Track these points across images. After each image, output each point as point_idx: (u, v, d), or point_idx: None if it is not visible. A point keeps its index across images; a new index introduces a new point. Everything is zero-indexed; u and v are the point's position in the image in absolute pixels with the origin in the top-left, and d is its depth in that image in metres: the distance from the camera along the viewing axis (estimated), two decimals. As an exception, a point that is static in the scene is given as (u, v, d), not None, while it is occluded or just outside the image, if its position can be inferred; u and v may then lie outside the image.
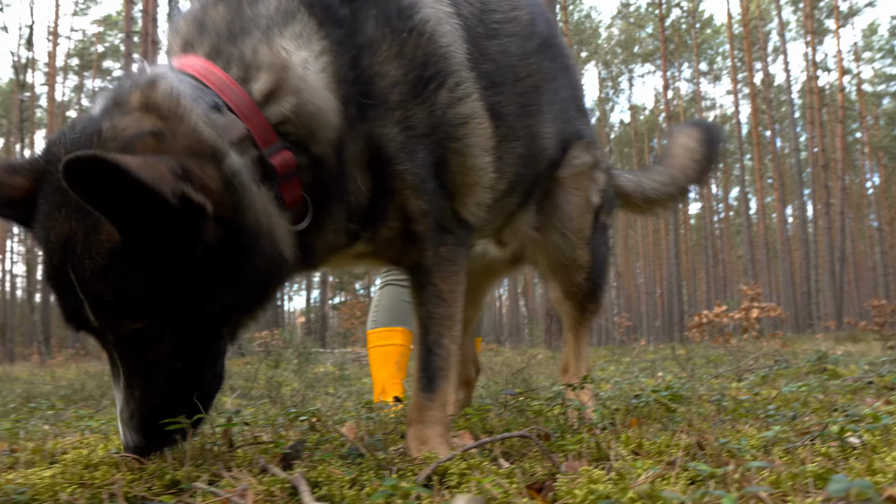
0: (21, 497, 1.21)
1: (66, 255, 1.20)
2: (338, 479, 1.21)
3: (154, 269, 1.20)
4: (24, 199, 1.26)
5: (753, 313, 14.22)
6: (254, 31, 1.41)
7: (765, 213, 43.80)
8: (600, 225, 2.33)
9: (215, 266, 1.25)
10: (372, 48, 1.50)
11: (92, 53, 42.44)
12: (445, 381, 1.67)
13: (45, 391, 5.81)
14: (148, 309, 1.23)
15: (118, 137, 1.20)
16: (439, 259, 1.69)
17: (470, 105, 1.67)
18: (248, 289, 1.33)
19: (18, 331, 37.07)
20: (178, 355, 1.31)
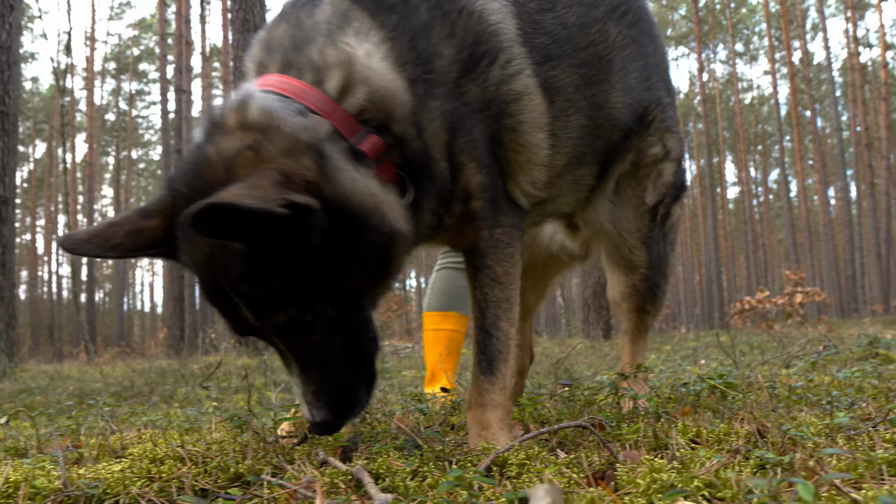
0: (93, 491, 1.24)
1: (214, 271, 1.33)
2: (399, 471, 1.22)
3: (284, 263, 1.30)
4: (163, 237, 1.38)
5: (797, 298, 13.93)
6: (317, 37, 1.50)
7: (806, 195, 42.78)
8: (660, 219, 2.24)
9: (337, 247, 1.34)
10: (426, 31, 1.57)
11: (128, 57, 43.26)
12: (505, 364, 1.67)
13: (95, 388, 5.97)
14: (292, 298, 1.34)
15: (223, 160, 1.31)
16: (494, 241, 1.71)
17: (522, 81, 1.69)
18: (371, 262, 1.41)
19: (65, 330, 38.12)
20: (334, 332, 1.40)
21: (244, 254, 1.28)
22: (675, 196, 2.28)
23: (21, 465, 1.40)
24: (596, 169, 2.06)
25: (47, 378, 7.46)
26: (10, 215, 8.09)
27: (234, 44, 11.88)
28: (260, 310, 1.34)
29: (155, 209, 1.40)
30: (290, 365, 1.43)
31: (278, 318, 1.35)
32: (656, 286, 2.28)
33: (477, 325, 1.71)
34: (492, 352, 1.67)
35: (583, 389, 2.32)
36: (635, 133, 2.12)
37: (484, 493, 1.09)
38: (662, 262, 2.27)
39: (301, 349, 1.40)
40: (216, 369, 7.20)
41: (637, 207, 2.19)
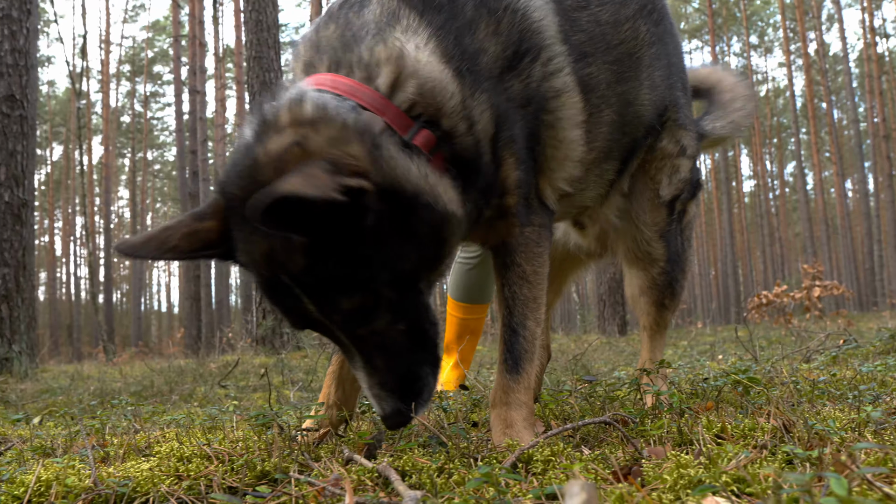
0: (123, 489, 1.26)
1: (274, 267, 1.34)
2: (425, 468, 1.23)
3: (345, 250, 1.32)
4: (219, 238, 1.41)
5: (815, 292, 13.79)
6: (366, 36, 1.53)
7: (823, 187, 42.37)
8: (677, 215, 2.26)
9: (393, 229, 1.36)
10: (472, 28, 1.59)
11: (142, 59, 43.58)
12: (530, 363, 1.68)
13: (116, 388, 6.03)
14: (354, 284, 1.35)
15: (271, 159, 1.33)
16: (525, 239, 1.72)
17: (562, 79, 1.72)
18: (426, 242, 1.42)
19: (84, 331, 38.53)
20: (397, 317, 1.42)
21: (305, 245, 1.29)
22: (691, 193, 2.30)
23: (52, 464, 1.42)
24: (618, 164, 2.08)
25: (68, 378, 7.55)
26: (29, 217, 8.18)
27: (247, 44, 11.93)
28: (323, 300, 1.35)
29: (209, 212, 1.42)
30: (353, 357, 1.44)
31: (342, 307, 1.36)
32: (675, 280, 2.28)
33: (504, 322, 1.71)
34: (518, 351, 1.67)
35: (604, 385, 2.31)
36: (655, 130, 2.14)
37: (511, 489, 1.09)
38: (680, 257, 2.29)
39: (364, 338, 1.41)
40: (234, 368, 7.25)
41: (652, 201, 2.21)
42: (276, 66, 11.79)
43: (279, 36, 12.25)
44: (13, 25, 8.20)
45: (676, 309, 2.35)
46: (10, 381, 7.13)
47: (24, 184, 8.14)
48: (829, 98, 36.43)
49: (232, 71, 31.87)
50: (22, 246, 8.02)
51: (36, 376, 7.84)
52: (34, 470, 1.35)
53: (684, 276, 2.34)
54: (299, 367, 7.43)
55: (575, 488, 0.65)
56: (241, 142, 1.43)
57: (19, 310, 7.90)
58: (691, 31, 44.17)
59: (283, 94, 1.44)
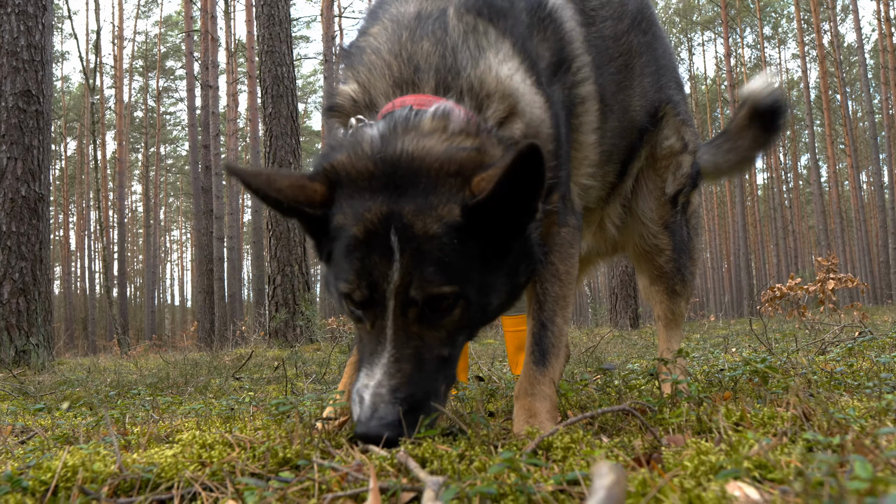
0: (149, 475, 1.28)
1: (388, 225, 1.39)
2: (446, 455, 1.24)
3: (481, 244, 1.42)
4: (321, 200, 1.48)
5: (829, 285, 13.68)
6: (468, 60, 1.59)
7: (837, 180, 41.98)
8: (681, 206, 2.33)
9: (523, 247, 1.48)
10: (530, 34, 1.67)
11: (155, 54, 43.76)
12: (556, 358, 1.72)
13: (132, 380, 6.08)
14: (460, 276, 1.41)
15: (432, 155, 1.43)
16: (561, 240, 1.78)
17: (587, 87, 1.81)
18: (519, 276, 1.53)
19: (99, 324, 38.87)
20: (453, 337, 1.47)
21: (450, 221, 1.38)
22: (692, 185, 2.38)
23: (77, 450, 1.44)
24: (618, 167, 2.17)
25: (84, 371, 7.62)
26: (45, 212, 8.26)
27: (259, 39, 11.96)
28: (416, 274, 1.38)
29: (319, 176, 1.50)
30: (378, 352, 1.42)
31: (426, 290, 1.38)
32: (684, 267, 2.34)
33: (534, 317, 1.76)
34: (546, 345, 1.72)
35: (621, 375, 2.32)
36: (649, 131, 2.24)
37: (532, 475, 1.10)
38: (687, 246, 2.35)
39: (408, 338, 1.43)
40: (247, 361, 7.30)
41: (658, 198, 2.29)
42: (289, 61, 11.81)
43: (291, 30, 12.27)
44: (29, 21, 8.26)
45: (689, 297, 2.38)
46: (27, 373, 7.21)
47: (41, 178, 8.22)
48: (843, 89, 36.08)
49: (244, 66, 31.96)
50: (38, 240, 8.10)
51: (53, 368, 7.93)
52: (60, 456, 1.37)
53: (693, 264, 2.39)
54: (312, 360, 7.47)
55: (603, 469, 0.66)
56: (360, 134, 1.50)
57: (36, 303, 7.99)
58: (704, 22, 43.85)
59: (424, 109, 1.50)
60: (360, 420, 1.38)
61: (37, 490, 1.27)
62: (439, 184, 1.40)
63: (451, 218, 1.38)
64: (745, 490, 0.94)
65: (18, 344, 7.78)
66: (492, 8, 1.63)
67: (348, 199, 1.45)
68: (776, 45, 47.09)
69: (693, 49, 49.65)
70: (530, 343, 1.73)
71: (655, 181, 2.28)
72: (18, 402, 4.30)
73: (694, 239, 2.42)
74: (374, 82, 1.66)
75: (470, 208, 1.38)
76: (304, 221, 1.54)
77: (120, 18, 40.19)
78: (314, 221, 1.51)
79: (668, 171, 2.28)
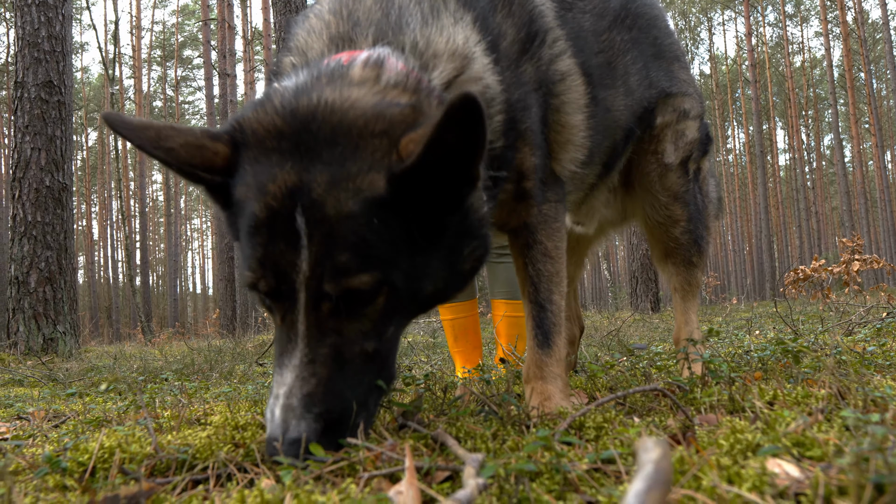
0: (184, 456, 1.29)
1: (294, 203, 1.17)
2: (479, 434, 1.24)
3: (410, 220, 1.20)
4: (223, 165, 1.27)
5: (854, 266, 13.48)
6: (417, 17, 1.45)
7: (862, 160, 41.28)
8: (692, 174, 2.28)
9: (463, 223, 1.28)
10: (494, 9, 1.57)
11: (172, 44, 43.96)
12: (559, 336, 1.70)
13: (157, 366, 6.16)
14: (382, 260, 1.18)
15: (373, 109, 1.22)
16: (543, 217, 1.73)
17: (566, 62, 1.71)
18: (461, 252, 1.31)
19: (122, 312, 39.40)
20: (379, 329, 1.24)
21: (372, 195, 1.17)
22: (702, 150, 2.32)
23: (114, 432, 1.46)
24: (599, 168, 2.08)
25: (111, 358, 7.74)
26: (69, 201, 8.36)
27: (275, 25, 11.95)
28: (328, 263, 1.16)
29: (223, 136, 1.29)
30: (289, 352, 1.21)
31: (341, 283, 1.16)
32: (700, 237, 2.30)
33: (530, 300, 1.73)
34: (547, 325, 1.70)
35: (650, 356, 2.31)
36: (635, 133, 2.15)
37: (567, 454, 1.10)
38: (701, 214, 2.30)
39: (323, 336, 1.21)
40: (270, 347, 7.37)
41: (658, 170, 2.23)
42: (306, 47, 11.79)
43: (308, 16, 12.24)
44: (49, 12, 8.32)
45: (705, 267, 2.35)
46: (55, 360, 7.34)
47: (64, 168, 8.32)
48: (868, 68, 35.37)
49: (261, 53, 31.99)
50: (63, 229, 8.21)
51: (80, 356, 8.06)
52: (97, 438, 1.39)
53: (708, 233, 2.37)
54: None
55: (649, 444, 0.65)
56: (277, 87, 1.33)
57: (62, 291, 8.11)
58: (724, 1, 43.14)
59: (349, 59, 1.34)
60: (269, 437, 1.17)
61: (75, 471, 1.30)
62: (361, 146, 1.18)
63: (372, 191, 1.16)
64: (784, 467, 0.93)
65: (46, 332, 7.91)
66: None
67: (252, 165, 1.23)
68: (798, 22, 46.25)
69: (713, 29, 48.94)
70: (531, 327, 1.71)
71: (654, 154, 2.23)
72: (49, 388, 4.38)
73: (709, 207, 2.38)
74: (312, 44, 1.49)
75: (397, 177, 1.16)
76: (207, 190, 1.32)
77: (137, 8, 40.39)
78: (217, 190, 1.29)
79: (666, 143, 2.22)
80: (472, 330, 3.41)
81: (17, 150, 8.18)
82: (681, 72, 2.32)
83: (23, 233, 8.01)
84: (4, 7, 27.89)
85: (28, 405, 3.06)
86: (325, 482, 1.07)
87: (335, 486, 1.04)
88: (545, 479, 1.00)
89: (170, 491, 1.15)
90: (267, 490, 0.98)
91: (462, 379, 2.36)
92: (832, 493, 0.83)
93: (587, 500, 0.95)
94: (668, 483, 0.64)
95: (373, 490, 1.01)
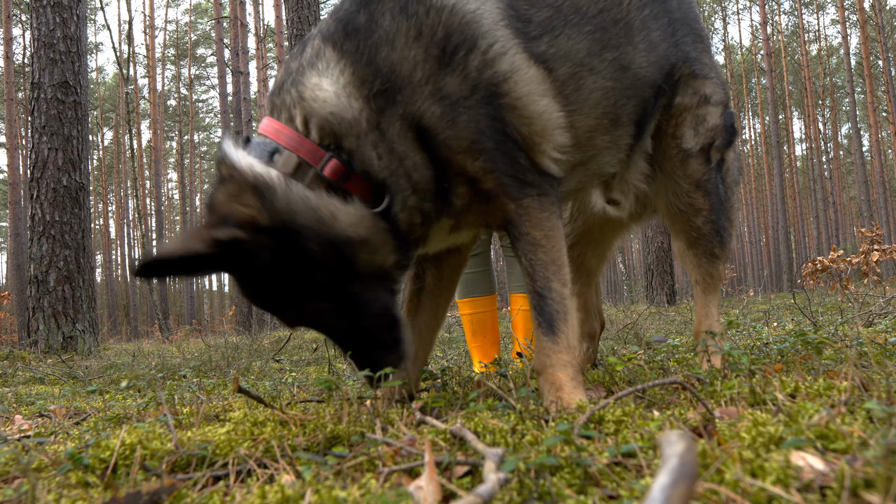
0: (204, 452, 1.30)
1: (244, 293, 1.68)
2: (497, 429, 1.23)
3: (261, 280, 1.61)
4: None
5: (874, 257, 13.31)
6: (289, 80, 1.72)
7: (880, 148, 40.72)
8: (715, 164, 2.23)
9: (294, 258, 1.58)
10: (389, 41, 1.66)
11: (186, 42, 44.18)
12: (565, 323, 1.69)
13: (176, 364, 6.21)
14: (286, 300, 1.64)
15: (217, 209, 1.59)
16: (524, 210, 1.75)
17: (508, 60, 1.73)
18: (332, 263, 1.61)
19: (140, 310, 39.75)
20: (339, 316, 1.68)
21: (239, 280, 1.62)
22: (726, 140, 2.27)
23: (134, 428, 1.47)
24: (632, 129, 2.08)
25: (129, 355, 7.81)
26: (86, 201, 8.43)
27: (287, 22, 11.97)
28: (278, 311, 1.67)
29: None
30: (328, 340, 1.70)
31: (291, 315, 1.67)
32: (722, 228, 2.25)
33: (529, 290, 1.75)
34: (549, 313, 1.70)
35: (668, 349, 2.29)
36: (664, 91, 2.14)
37: (587, 448, 1.09)
38: (724, 205, 2.26)
39: (327, 331, 1.71)
40: (286, 343, 7.39)
41: (677, 155, 2.19)
42: (318, 44, 11.79)
43: (319, 13, 12.25)
44: (64, 13, 8.38)
45: (727, 259, 2.30)
46: (75, 358, 7.42)
47: (81, 168, 8.39)
48: (885, 55, 34.85)
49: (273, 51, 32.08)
50: (80, 228, 8.28)
51: (99, 353, 8.14)
52: (118, 434, 1.40)
53: (732, 225, 2.31)
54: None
55: (673, 437, 0.65)
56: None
57: (81, 290, 8.19)
58: (738, -10, 42.69)
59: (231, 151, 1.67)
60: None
61: (97, 467, 1.31)
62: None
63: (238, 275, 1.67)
64: (808, 460, 0.92)
65: (65, 330, 7.99)
66: (345, 29, 1.70)
67: None
68: (814, 10, 45.69)
69: (728, 18, 48.45)
70: (534, 316, 1.71)
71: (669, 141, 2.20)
72: (69, 385, 4.43)
73: (732, 199, 2.33)
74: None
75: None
76: None
77: (150, 8, 40.59)
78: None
79: (685, 128, 2.19)
80: (491, 325, 3.41)
81: (34, 151, 8.26)
82: (704, 54, 2.28)
83: (41, 232, 8.09)
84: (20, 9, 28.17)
85: (49, 403, 3.09)
86: (345, 477, 1.07)
87: (355, 482, 1.04)
88: (565, 474, 0.99)
89: (191, 487, 1.16)
90: (287, 486, 0.98)
91: (479, 374, 2.36)
92: (859, 485, 0.82)
93: (608, 494, 0.94)
94: (694, 476, 0.63)
95: (393, 485, 1.01)
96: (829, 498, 0.83)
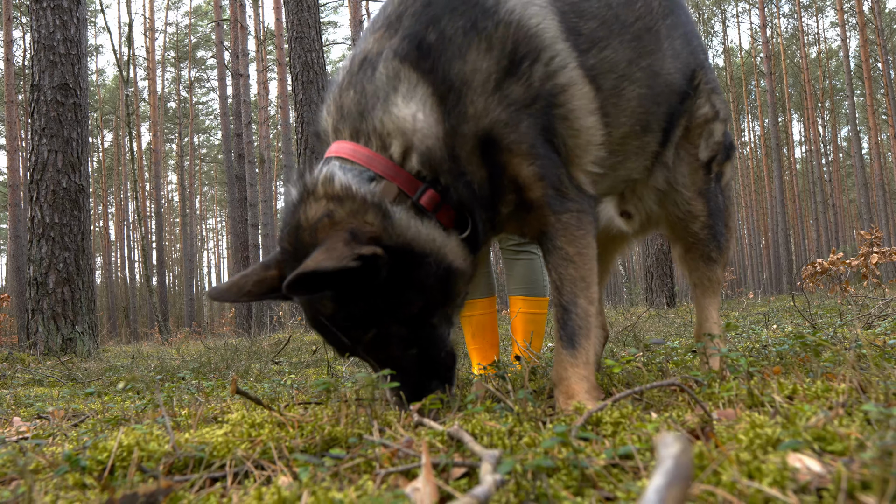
0: (201, 454, 1.30)
1: (314, 310, 1.67)
2: (495, 431, 1.23)
3: (362, 298, 1.61)
4: (280, 284, 1.63)
5: (873, 259, 13.30)
6: (377, 104, 1.72)
7: (879, 151, 40.75)
8: (715, 175, 2.30)
9: (403, 282, 1.62)
10: (462, 54, 1.70)
11: (186, 45, 44.21)
12: (586, 339, 1.72)
13: (175, 366, 6.21)
14: (370, 322, 1.65)
15: (310, 226, 1.63)
16: (563, 225, 1.78)
17: (568, 73, 1.79)
18: (433, 291, 1.68)
19: (140, 312, 39.74)
20: (408, 346, 1.71)
21: (331, 297, 1.61)
22: (726, 155, 2.35)
23: (132, 430, 1.47)
24: (659, 135, 2.14)
25: (128, 357, 7.80)
26: (85, 203, 8.43)
27: (287, 25, 11.98)
28: (349, 334, 1.65)
29: (273, 263, 1.74)
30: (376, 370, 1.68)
31: (363, 339, 1.66)
32: (720, 233, 2.30)
33: (555, 303, 1.78)
34: (572, 327, 1.73)
35: (666, 351, 2.29)
36: (689, 96, 2.20)
37: (584, 450, 1.09)
38: (722, 213, 2.31)
39: (384, 360, 1.70)
40: (285, 346, 7.39)
41: (691, 164, 2.25)
42: (318, 46, 11.81)
43: (319, 16, 12.27)
44: (64, 15, 8.39)
45: (725, 265, 2.34)
46: (74, 360, 7.41)
47: (80, 170, 8.39)
48: (885, 58, 34.88)
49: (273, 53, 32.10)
50: (80, 230, 8.28)
51: (98, 355, 8.13)
52: (116, 436, 1.40)
53: (730, 232, 2.36)
54: (350, 343, 7.52)
55: (668, 439, 0.65)
56: (288, 201, 1.72)
57: (80, 292, 8.18)
58: (738, -8, 42.74)
59: (319, 167, 1.72)
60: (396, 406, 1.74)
61: (94, 469, 1.31)
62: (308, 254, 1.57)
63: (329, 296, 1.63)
64: (805, 462, 0.92)
65: (65, 332, 7.99)
66: (420, 48, 1.71)
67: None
68: (814, 13, 45.75)
69: (727, 21, 48.50)
70: (557, 329, 1.75)
71: (689, 149, 2.25)
72: (68, 387, 4.42)
73: (730, 208, 2.39)
74: (328, 119, 1.85)
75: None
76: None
77: (150, 10, 40.62)
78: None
79: (701, 139, 2.26)
80: (490, 327, 3.41)
81: (34, 153, 8.26)
82: (709, 71, 2.36)
83: (41, 234, 8.09)
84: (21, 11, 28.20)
85: (48, 404, 3.09)
86: (341, 479, 1.07)
87: (352, 483, 1.04)
88: (562, 475, 0.99)
89: (188, 489, 1.16)
90: (284, 487, 0.98)
91: (478, 376, 2.36)
92: (855, 487, 0.82)
93: (605, 495, 0.94)
94: (689, 478, 0.63)
95: (390, 487, 1.01)
96: (825, 500, 0.83)
